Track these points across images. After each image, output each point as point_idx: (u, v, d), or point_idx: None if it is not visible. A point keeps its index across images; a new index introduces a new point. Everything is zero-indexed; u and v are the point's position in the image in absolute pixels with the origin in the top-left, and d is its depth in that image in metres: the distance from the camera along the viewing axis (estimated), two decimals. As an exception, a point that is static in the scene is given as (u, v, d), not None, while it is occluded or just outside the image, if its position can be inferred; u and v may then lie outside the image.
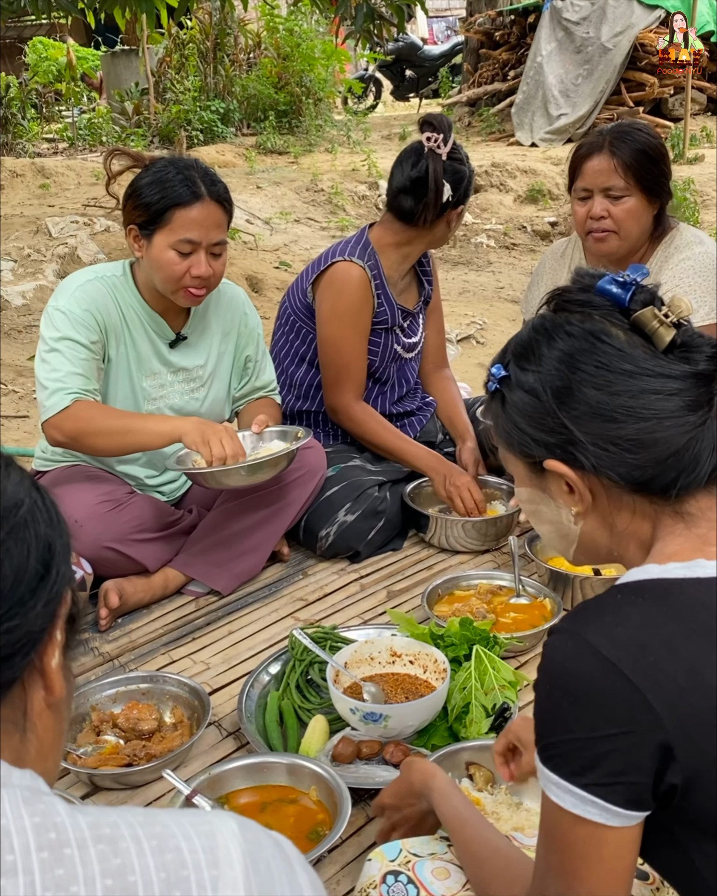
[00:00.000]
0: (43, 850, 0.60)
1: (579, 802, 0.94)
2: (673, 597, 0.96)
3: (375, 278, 2.88)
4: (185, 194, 2.38)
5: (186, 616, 2.56)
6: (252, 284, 6.33)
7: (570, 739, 0.94)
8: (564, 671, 0.96)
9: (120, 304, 2.53)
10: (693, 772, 0.91)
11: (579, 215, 2.72)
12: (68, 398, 2.36)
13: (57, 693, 0.74)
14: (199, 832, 0.64)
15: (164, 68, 12.29)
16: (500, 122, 12.00)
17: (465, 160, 2.85)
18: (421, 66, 15.56)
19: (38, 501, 0.74)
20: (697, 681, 0.90)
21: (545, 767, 0.96)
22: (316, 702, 2.11)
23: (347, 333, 2.87)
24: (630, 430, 1.02)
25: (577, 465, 1.05)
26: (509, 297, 6.66)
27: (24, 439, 4.11)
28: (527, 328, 1.13)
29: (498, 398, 1.14)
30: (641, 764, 0.91)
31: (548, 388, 1.06)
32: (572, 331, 1.06)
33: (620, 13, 10.72)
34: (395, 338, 3.02)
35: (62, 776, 1.94)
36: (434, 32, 22.91)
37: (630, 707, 0.91)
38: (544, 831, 1.01)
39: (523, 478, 1.15)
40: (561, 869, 0.98)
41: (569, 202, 2.86)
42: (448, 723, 1.98)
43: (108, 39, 14.96)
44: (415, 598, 2.59)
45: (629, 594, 0.98)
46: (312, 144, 11.48)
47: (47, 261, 6.35)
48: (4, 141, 11.40)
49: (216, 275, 2.48)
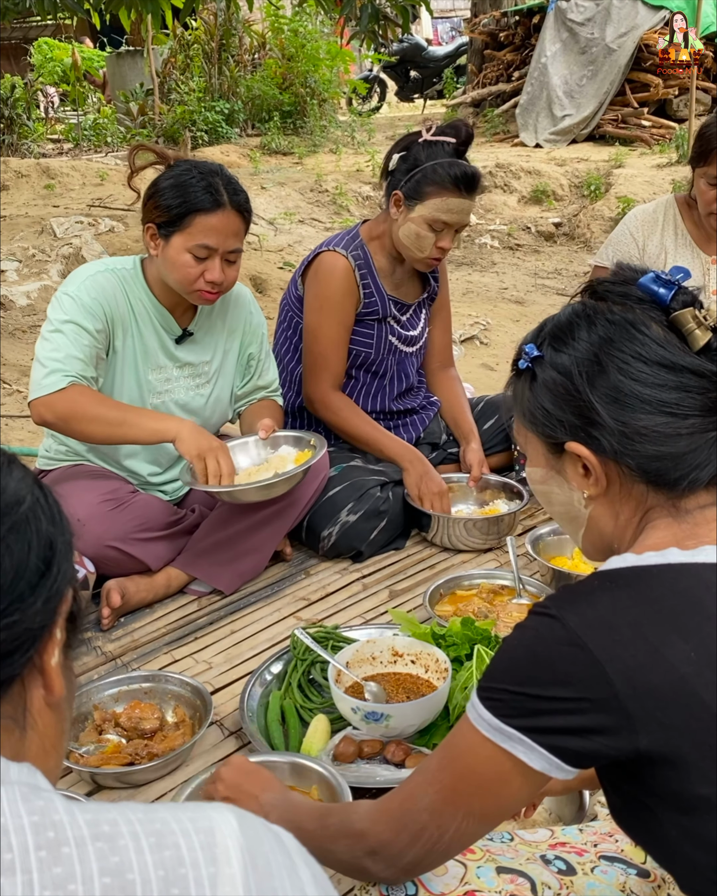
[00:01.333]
0: (41, 848, 0.60)
1: (507, 739, 0.98)
2: (643, 582, 1.00)
3: (360, 268, 2.89)
4: (207, 201, 2.38)
5: (189, 615, 2.56)
6: (256, 284, 6.33)
7: (518, 692, 0.98)
8: (533, 636, 1.00)
9: (129, 296, 2.54)
10: (656, 747, 0.93)
11: (707, 196, 2.82)
12: (65, 380, 2.36)
13: (56, 692, 0.74)
14: (197, 829, 0.64)
15: (169, 69, 12.30)
16: (504, 123, 12.00)
17: (433, 160, 2.74)
18: (426, 67, 15.58)
19: (41, 499, 0.74)
20: (658, 661, 0.94)
21: (482, 705, 1.01)
22: (318, 701, 2.11)
23: (326, 322, 2.88)
24: (657, 422, 1.04)
25: (598, 448, 1.08)
26: (513, 297, 6.66)
27: (28, 439, 4.11)
28: (566, 311, 1.14)
29: (527, 376, 1.15)
30: (587, 726, 0.95)
31: (583, 371, 1.08)
32: (613, 318, 1.09)
33: (624, 14, 10.72)
34: (389, 329, 3.02)
35: (65, 775, 1.94)
36: (439, 33, 22.92)
37: (588, 678, 0.95)
38: (446, 753, 1.05)
39: (538, 458, 1.17)
40: (450, 788, 1.04)
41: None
42: (450, 722, 1.98)
43: (113, 40, 15.01)
44: (417, 597, 2.59)
45: (604, 580, 1.02)
46: (316, 145, 11.48)
47: (52, 261, 6.36)
48: (10, 141, 11.42)
49: (229, 280, 2.49)
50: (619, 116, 10.86)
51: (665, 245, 3.00)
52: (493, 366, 5.15)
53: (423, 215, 2.75)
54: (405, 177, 2.78)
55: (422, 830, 1.05)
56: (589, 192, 8.82)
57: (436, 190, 2.73)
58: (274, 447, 2.66)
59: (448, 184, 2.72)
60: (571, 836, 1.37)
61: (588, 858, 1.32)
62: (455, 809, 1.03)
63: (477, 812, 1.03)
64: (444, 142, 2.76)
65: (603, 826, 1.45)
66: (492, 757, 1.00)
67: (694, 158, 2.83)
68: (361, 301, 2.92)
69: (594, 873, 1.27)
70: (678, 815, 0.96)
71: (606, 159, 9.63)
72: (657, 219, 3.04)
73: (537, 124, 11.24)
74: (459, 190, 2.74)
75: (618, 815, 1.07)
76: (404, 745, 1.90)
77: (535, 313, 6.34)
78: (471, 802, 1.03)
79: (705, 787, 0.93)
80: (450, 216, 2.75)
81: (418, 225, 2.77)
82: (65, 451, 2.67)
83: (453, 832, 1.04)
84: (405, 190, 2.77)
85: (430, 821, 1.04)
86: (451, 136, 2.77)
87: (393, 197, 2.82)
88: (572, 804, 1.71)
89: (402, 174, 2.79)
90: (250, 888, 0.63)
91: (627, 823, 1.06)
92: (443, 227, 2.78)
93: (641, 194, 8.31)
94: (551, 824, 1.68)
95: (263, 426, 2.63)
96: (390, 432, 3.07)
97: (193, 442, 2.37)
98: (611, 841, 1.39)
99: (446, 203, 2.73)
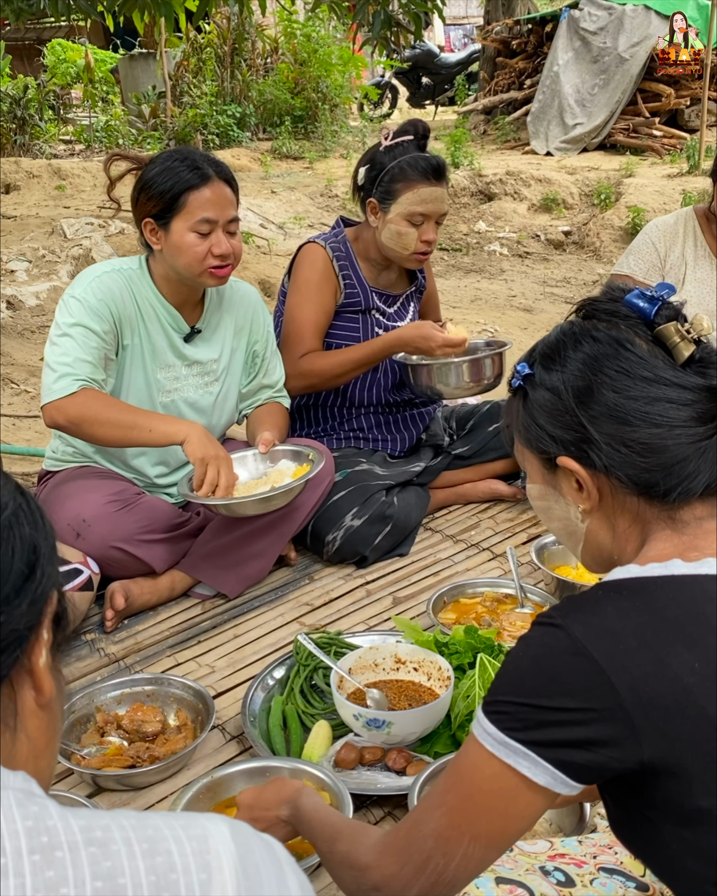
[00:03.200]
0: (34, 853, 0.61)
1: (512, 753, 0.98)
2: (648, 593, 1.01)
3: (339, 259, 2.96)
4: (194, 177, 2.43)
5: (192, 619, 2.56)
6: (265, 288, 6.35)
7: (523, 703, 0.98)
8: (537, 645, 1.01)
9: (136, 296, 2.55)
10: (659, 758, 0.94)
11: None
12: (76, 384, 2.38)
13: (46, 692, 0.76)
14: (190, 835, 0.65)
15: (181, 72, 12.35)
16: (515, 131, 12.02)
17: (397, 158, 2.84)
18: (438, 74, 15.60)
19: (23, 505, 0.76)
20: (662, 670, 0.94)
21: (487, 719, 1.01)
22: (320, 707, 2.11)
23: (303, 303, 2.94)
24: (643, 434, 1.06)
25: (588, 463, 1.10)
26: (521, 305, 6.66)
27: (35, 439, 4.12)
28: (556, 331, 1.18)
29: (520, 395, 1.19)
30: (592, 738, 0.95)
31: (570, 388, 1.11)
32: (599, 336, 1.11)
33: (637, 24, 10.73)
34: (375, 321, 3.06)
35: (66, 776, 1.95)
36: (451, 40, 22.97)
37: (593, 687, 0.95)
38: (451, 773, 1.05)
39: (536, 474, 1.20)
40: (457, 808, 1.02)
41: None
42: (451, 730, 1.98)
43: (126, 42, 15.04)
44: (420, 604, 2.59)
45: (608, 591, 1.03)
46: (327, 150, 11.51)
47: (62, 262, 6.38)
48: (22, 142, 11.46)
49: (236, 252, 2.51)
50: (630, 126, 10.87)
51: (686, 257, 3.01)
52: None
53: (399, 213, 2.84)
54: (374, 183, 2.87)
55: (427, 860, 1.03)
56: (599, 200, 8.83)
57: (405, 185, 2.82)
58: (273, 461, 2.66)
59: (416, 175, 2.82)
60: (570, 848, 1.38)
61: (587, 870, 1.32)
62: (461, 834, 1.01)
63: (484, 834, 1.01)
64: (403, 141, 2.87)
65: (603, 838, 1.45)
66: (497, 774, 0.99)
67: (714, 172, 2.86)
68: (340, 290, 2.97)
69: (593, 885, 1.27)
70: (679, 827, 0.96)
71: (616, 168, 9.64)
72: (677, 231, 3.06)
73: (549, 132, 11.25)
74: (427, 179, 2.83)
75: (618, 827, 1.07)
76: (405, 753, 1.90)
77: (543, 321, 6.34)
78: (477, 824, 1.01)
79: (706, 800, 0.93)
80: (425, 206, 2.83)
81: (398, 224, 2.85)
82: (72, 453, 2.68)
83: (460, 859, 1.02)
84: (377, 195, 2.87)
85: (435, 847, 1.02)
86: (409, 135, 2.87)
87: (369, 206, 2.90)
88: (573, 815, 1.71)
89: (370, 182, 2.89)
90: (241, 894, 0.63)
91: (627, 836, 1.06)
92: (422, 220, 2.85)
93: (651, 204, 8.32)
94: (550, 835, 1.68)
95: (263, 440, 2.63)
96: (391, 430, 3.13)
97: (200, 446, 2.38)
98: (610, 853, 1.39)
99: (418, 194, 2.82)
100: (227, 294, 2.73)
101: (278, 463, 2.64)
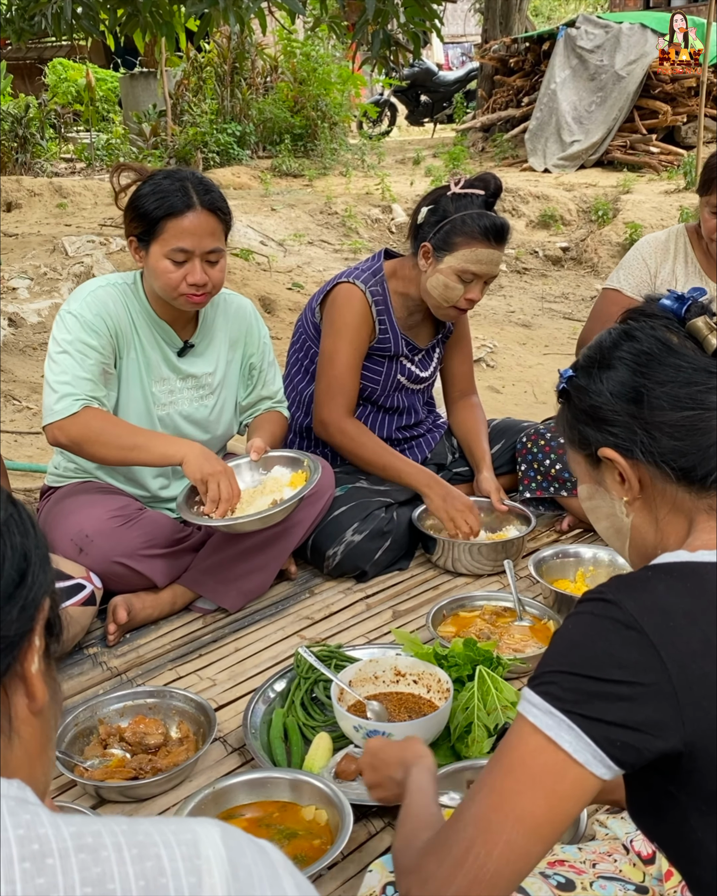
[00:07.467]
0: (25, 860, 0.61)
1: (555, 726, 0.98)
2: (698, 576, 1.04)
3: (377, 304, 2.92)
4: (177, 204, 2.41)
5: (194, 632, 2.58)
6: (265, 305, 6.38)
7: (571, 672, 0.99)
8: (588, 617, 1.02)
9: (130, 310, 2.57)
10: (699, 738, 0.95)
11: (709, 225, 2.88)
12: (77, 404, 2.40)
13: (39, 699, 0.77)
14: (180, 840, 0.66)
15: (181, 91, 12.42)
16: (513, 148, 12.10)
17: (462, 211, 2.77)
18: (436, 92, 15.69)
19: (14, 514, 0.77)
20: (709, 650, 0.97)
21: (534, 692, 1.01)
22: (320, 719, 2.12)
23: (341, 347, 2.90)
24: (675, 417, 1.12)
25: (628, 454, 1.15)
26: (520, 321, 6.70)
27: (37, 455, 4.15)
28: (595, 339, 1.25)
29: (565, 399, 1.25)
30: (637, 717, 0.96)
31: (607, 380, 1.18)
32: (634, 334, 1.18)
33: (634, 42, 10.83)
34: (399, 368, 3.04)
35: (69, 788, 1.96)
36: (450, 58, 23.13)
37: (644, 661, 0.96)
38: (499, 753, 1.03)
39: (583, 474, 1.26)
40: (499, 788, 1.00)
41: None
42: (451, 742, 1.99)
43: (127, 61, 15.14)
44: (420, 618, 2.61)
45: (658, 572, 1.06)
46: (326, 168, 11.58)
47: (63, 279, 6.42)
48: (23, 160, 11.53)
49: (214, 282, 2.49)
50: (627, 143, 10.94)
51: (676, 273, 3.04)
52: (499, 388, 5.16)
53: (452, 266, 2.77)
54: (434, 229, 2.80)
55: (467, 851, 0.98)
56: (597, 217, 8.88)
57: (465, 240, 2.75)
58: (266, 468, 2.67)
59: (478, 234, 2.74)
60: (570, 854, 1.39)
61: (586, 878, 1.33)
62: (504, 816, 0.98)
63: (527, 817, 0.97)
64: (473, 194, 2.79)
65: (601, 846, 1.46)
66: (540, 748, 0.98)
67: (700, 187, 2.89)
68: (375, 335, 2.95)
69: (593, 888, 1.29)
70: (707, 814, 0.98)
71: (614, 185, 9.70)
72: (668, 247, 3.08)
73: (546, 149, 11.32)
74: (488, 240, 2.75)
75: (640, 815, 1.09)
76: (405, 764, 1.91)
77: (542, 337, 6.37)
78: (520, 802, 0.98)
79: None
80: (479, 267, 2.77)
81: (447, 276, 2.79)
82: (74, 469, 2.70)
83: (502, 847, 0.97)
84: (434, 241, 2.79)
85: (477, 834, 0.99)
86: (479, 189, 2.79)
87: (422, 248, 2.83)
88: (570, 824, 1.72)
89: (430, 226, 2.81)
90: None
91: (647, 822, 1.07)
92: (472, 278, 2.79)
93: (648, 220, 8.37)
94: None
95: (254, 448, 2.62)
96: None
97: (197, 465, 2.40)
98: (609, 861, 1.41)
99: (476, 254, 2.75)
100: (221, 308, 2.74)
101: (272, 470, 2.65)
